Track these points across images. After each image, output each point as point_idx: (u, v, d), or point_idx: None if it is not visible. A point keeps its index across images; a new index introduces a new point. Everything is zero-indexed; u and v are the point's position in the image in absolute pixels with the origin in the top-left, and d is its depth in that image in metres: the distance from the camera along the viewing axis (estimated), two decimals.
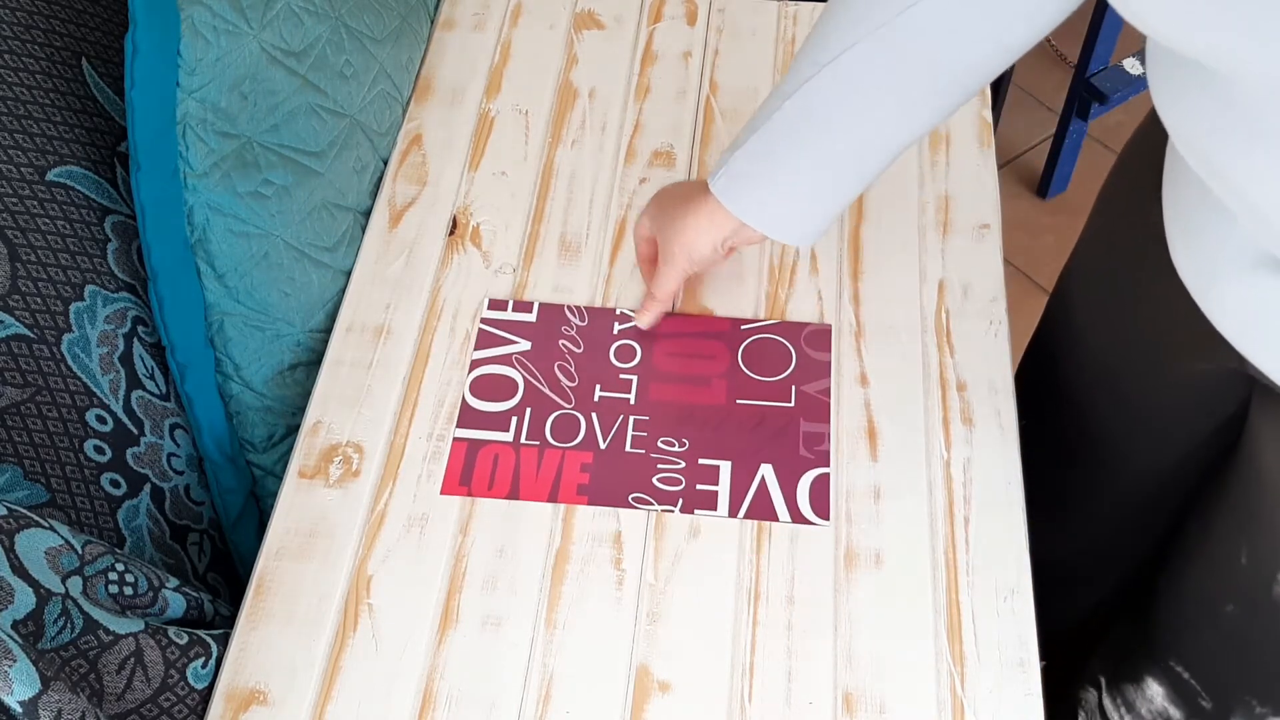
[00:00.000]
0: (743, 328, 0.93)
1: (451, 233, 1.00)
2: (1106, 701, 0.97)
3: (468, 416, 0.89)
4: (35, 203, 0.83)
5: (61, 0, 0.92)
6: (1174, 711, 0.89)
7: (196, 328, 0.88)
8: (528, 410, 0.89)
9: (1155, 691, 0.90)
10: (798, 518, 0.84)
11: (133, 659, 0.72)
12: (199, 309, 0.88)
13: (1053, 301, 1.01)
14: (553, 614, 0.80)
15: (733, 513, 0.84)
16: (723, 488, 0.85)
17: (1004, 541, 0.83)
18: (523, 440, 0.88)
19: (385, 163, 1.04)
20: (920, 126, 0.78)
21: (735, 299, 0.95)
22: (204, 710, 0.77)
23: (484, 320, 0.94)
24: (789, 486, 0.85)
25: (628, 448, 0.87)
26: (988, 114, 1.07)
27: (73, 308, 0.84)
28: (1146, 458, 0.92)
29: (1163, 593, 0.89)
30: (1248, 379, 0.76)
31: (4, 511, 0.69)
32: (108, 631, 0.71)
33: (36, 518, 0.71)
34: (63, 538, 0.71)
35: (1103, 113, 1.81)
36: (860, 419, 0.88)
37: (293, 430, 0.94)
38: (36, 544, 0.69)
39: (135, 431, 0.86)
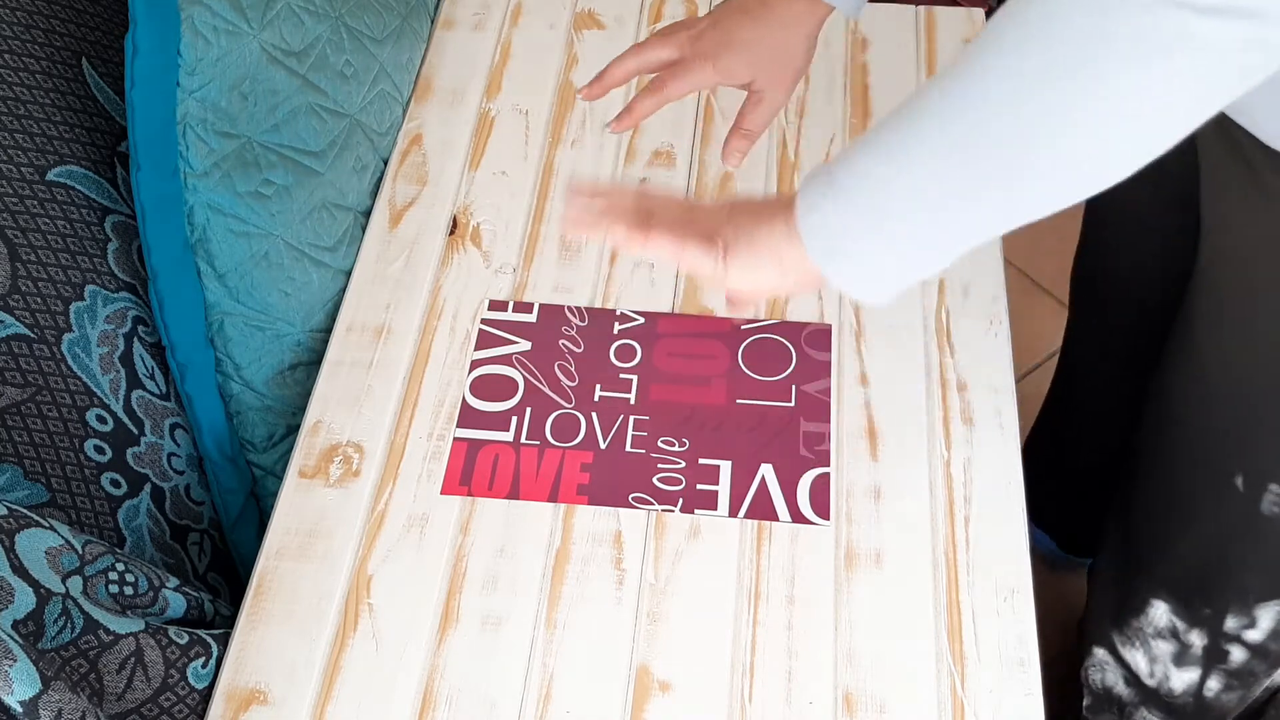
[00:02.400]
0: (743, 328, 0.93)
1: (451, 233, 1.00)
2: (1115, 639, 1.02)
3: (468, 416, 0.89)
4: (35, 203, 0.83)
5: (61, 0, 0.92)
6: (1178, 624, 0.94)
7: (196, 328, 0.88)
8: (528, 410, 0.89)
9: (1159, 611, 0.95)
10: (798, 517, 0.84)
11: (133, 659, 0.72)
12: (199, 309, 0.88)
13: None
14: (553, 614, 0.80)
15: (733, 513, 0.84)
16: (723, 488, 0.85)
17: (1004, 541, 0.83)
18: (523, 440, 0.88)
19: (385, 163, 1.04)
20: None
21: None
22: (204, 710, 0.77)
23: (484, 321, 0.94)
24: (789, 486, 0.85)
25: (628, 448, 0.87)
26: None
27: (73, 308, 0.84)
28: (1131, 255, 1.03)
29: (1156, 512, 0.95)
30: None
31: (4, 511, 0.69)
32: (108, 631, 0.71)
33: (37, 517, 0.71)
34: (63, 538, 0.71)
35: None
36: (860, 419, 0.88)
37: (293, 430, 0.94)
38: (37, 544, 0.69)
39: (135, 431, 0.86)
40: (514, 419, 0.89)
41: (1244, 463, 0.85)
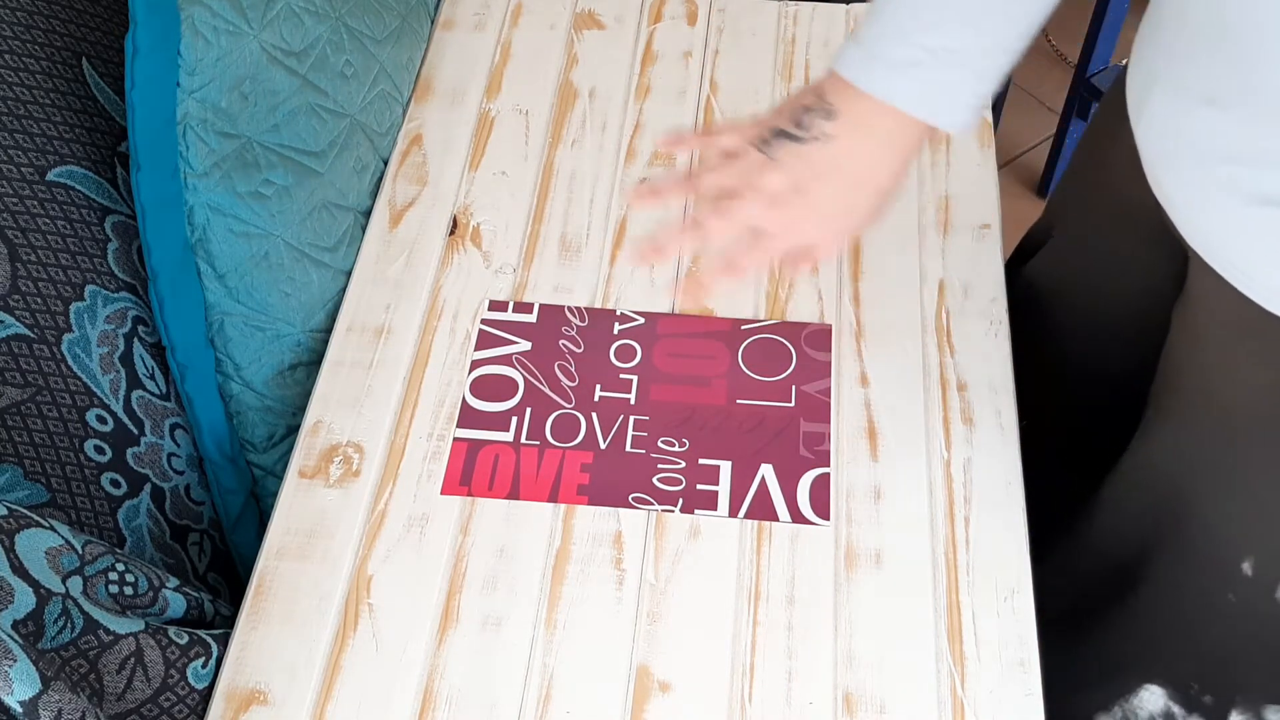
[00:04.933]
0: (743, 328, 0.93)
1: (451, 233, 1.00)
2: (1101, 717, 0.96)
3: (468, 416, 0.89)
4: (35, 203, 0.83)
5: (61, 0, 0.92)
6: (1175, 709, 0.89)
7: (197, 328, 0.89)
8: (528, 410, 0.89)
9: (1155, 694, 0.90)
10: (798, 518, 0.84)
11: (133, 659, 0.72)
12: (199, 309, 0.88)
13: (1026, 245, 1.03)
14: (553, 614, 0.80)
15: (733, 513, 0.84)
16: (723, 488, 0.85)
17: (1004, 541, 0.83)
18: (523, 440, 0.88)
19: (385, 163, 1.04)
20: None
21: (735, 299, 0.95)
22: (204, 710, 0.77)
23: (484, 321, 0.94)
24: (789, 486, 0.85)
25: (628, 448, 0.87)
26: (988, 114, 1.07)
27: (73, 308, 0.84)
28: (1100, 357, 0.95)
29: (1159, 599, 0.89)
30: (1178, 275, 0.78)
31: (4, 511, 0.69)
32: (108, 631, 0.71)
33: (37, 518, 0.71)
34: (63, 538, 0.71)
35: None
36: (860, 419, 0.89)
37: (293, 430, 0.94)
38: (37, 544, 0.69)
39: (135, 431, 0.86)
40: (514, 419, 0.89)
41: (1254, 547, 0.79)
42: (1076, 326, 0.96)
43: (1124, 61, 1.81)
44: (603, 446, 0.88)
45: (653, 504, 0.85)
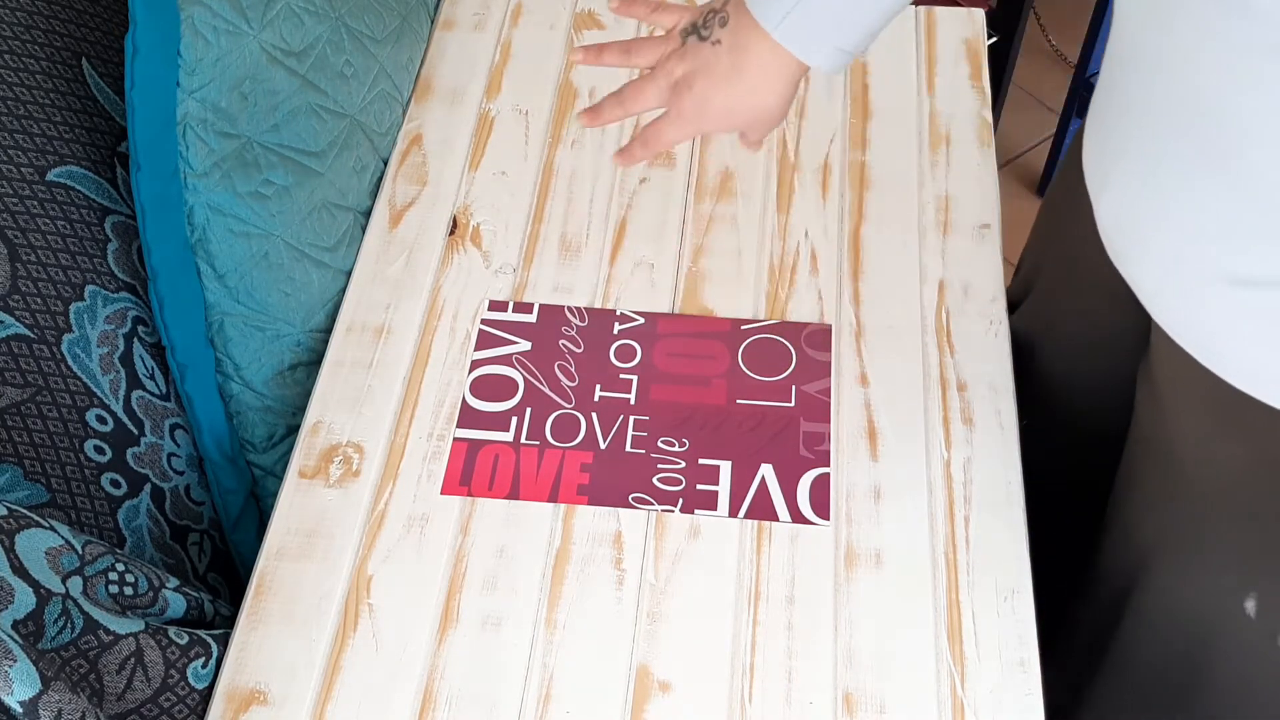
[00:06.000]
0: (743, 328, 0.93)
1: (451, 233, 1.00)
2: None
3: (468, 416, 0.89)
4: (35, 203, 0.83)
5: (61, 0, 0.92)
6: None
7: (196, 328, 0.89)
8: (528, 410, 0.89)
9: None
10: (798, 518, 0.84)
11: (133, 659, 0.72)
12: (199, 309, 0.88)
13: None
14: (553, 614, 0.80)
15: (733, 513, 0.84)
16: (723, 488, 0.85)
17: (1004, 541, 0.83)
18: (523, 440, 0.88)
19: (385, 163, 1.04)
20: None
21: (735, 299, 0.95)
22: (204, 710, 0.77)
23: (484, 321, 0.94)
24: (789, 486, 0.85)
25: (628, 448, 0.87)
26: (988, 114, 1.07)
27: (73, 308, 0.84)
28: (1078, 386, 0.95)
29: (1153, 641, 0.87)
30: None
31: (4, 511, 0.69)
32: (108, 631, 0.71)
33: (37, 518, 0.71)
34: (63, 538, 0.71)
35: None
36: (860, 419, 0.89)
37: (293, 430, 0.94)
38: (37, 544, 0.69)
39: (135, 431, 0.86)
40: (514, 419, 0.89)
41: (1257, 583, 0.76)
42: (1056, 387, 0.96)
43: None
44: (603, 446, 0.88)
45: (653, 504, 0.85)
